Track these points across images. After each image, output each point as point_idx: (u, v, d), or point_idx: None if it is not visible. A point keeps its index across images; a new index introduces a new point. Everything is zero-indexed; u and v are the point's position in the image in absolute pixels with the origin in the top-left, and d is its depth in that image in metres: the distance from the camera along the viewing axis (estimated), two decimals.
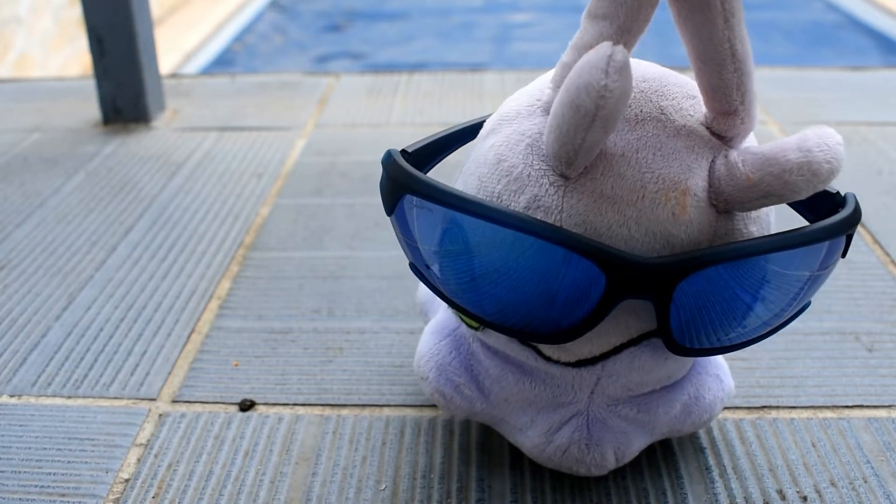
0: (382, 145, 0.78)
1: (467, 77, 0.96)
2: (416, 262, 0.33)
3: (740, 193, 0.29)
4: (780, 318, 0.32)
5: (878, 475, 0.39)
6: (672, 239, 0.29)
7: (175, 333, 0.51)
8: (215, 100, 0.92)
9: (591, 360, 0.33)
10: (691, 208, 0.29)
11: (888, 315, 0.51)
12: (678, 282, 0.28)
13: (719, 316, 0.30)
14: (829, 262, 0.31)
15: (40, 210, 0.67)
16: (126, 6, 0.80)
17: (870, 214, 0.63)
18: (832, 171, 0.28)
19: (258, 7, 3.26)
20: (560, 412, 0.36)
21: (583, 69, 0.26)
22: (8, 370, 0.48)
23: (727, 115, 0.30)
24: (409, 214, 0.31)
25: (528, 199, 0.30)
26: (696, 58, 0.29)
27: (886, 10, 2.82)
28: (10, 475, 0.40)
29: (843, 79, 0.94)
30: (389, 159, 0.32)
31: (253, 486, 0.39)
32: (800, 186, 0.28)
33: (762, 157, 0.28)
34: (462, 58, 2.66)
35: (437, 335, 0.38)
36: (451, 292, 0.32)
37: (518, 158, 0.31)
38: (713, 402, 0.38)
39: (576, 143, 0.27)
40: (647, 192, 0.29)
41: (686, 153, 0.30)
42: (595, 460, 0.36)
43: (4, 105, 0.91)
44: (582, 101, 0.26)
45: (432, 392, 0.38)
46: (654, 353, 0.33)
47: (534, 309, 0.30)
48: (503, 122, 0.33)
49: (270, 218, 0.65)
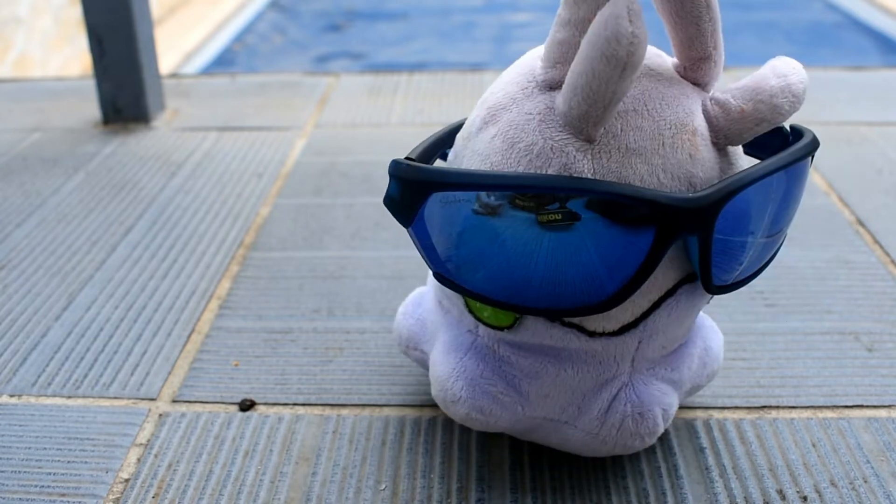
0: (382, 145, 0.78)
1: (467, 77, 0.96)
2: (442, 270, 0.32)
3: (737, 125, 0.31)
4: (779, 241, 0.35)
5: (878, 475, 0.39)
6: (693, 179, 0.31)
7: (175, 333, 0.51)
8: (215, 100, 0.92)
9: (633, 322, 0.33)
10: (702, 147, 0.31)
11: (888, 315, 0.51)
12: (719, 212, 0.30)
13: (741, 245, 0.32)
14: (803, 180, 0.34)
15: (40, 210, 0.67)
16: (126, 6, 0.80)
17: (870, 214, 0.63)
18: (804, 90, 0.31)
19: (258, 7, 3.26)
20: (606, 390, 0.36)
21: (607, 22, 0.27)
22: (8, 370, 0.48)
23: (702, 60, 0.32)
24: (434, 217, 0.31)
25: (557, 170, 0.30)
26: (674, 12, 0.32)
27: (886, 10, 2.82)
28: (10, 475, 0.40)
29: (843, 79, 0.94)
30: (400, 166, 0.32)
31: (253, 486, 0.39)
32: (784, 108, 0.31)
33: (748, 89, 0.31)
34: (462, 58, 2.66)
35: (454, 354, 0.37)
36: (488, 292, 0.32)
37: (535, 136, 0.31)
38: (718, 351, 0.40)
39: (606, 98, 0.28)
40: (665, 138, 0.31)
41: (683, 98, 0.32)
42: (648, 428, 0.36)
43: (4, 105, 0.91)
44: (613, 50, 0.27)
45: (468, 412, 0.36)
46: (688, 300, 0.34)
47: (581, 282, 0.30)
48: (497, 111, 0.33)
49: (270, 218, 0.65)
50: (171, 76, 1.00)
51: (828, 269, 0.56)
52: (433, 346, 0.39)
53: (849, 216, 0.63)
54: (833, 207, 0.65)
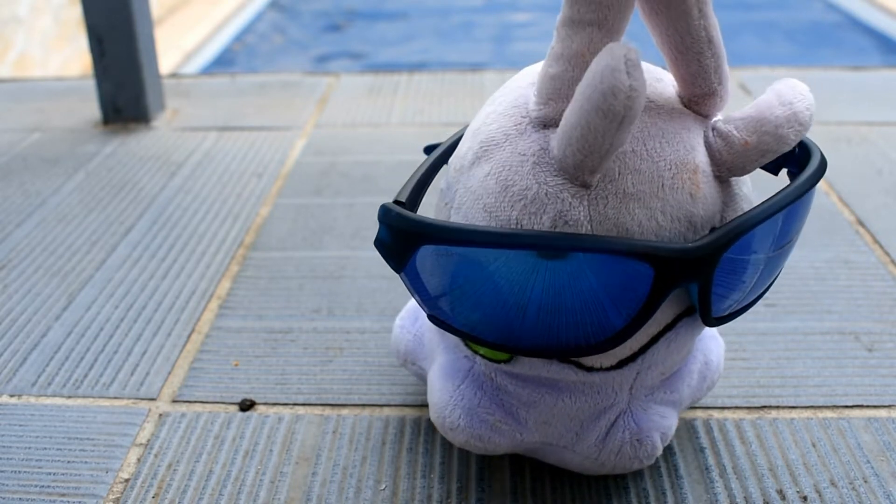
0: (382, 145, 0.78)
1: (467, 77, 0.96)
2: (437, 312, 0.32)
3: (740, 158, 0.30)
4: (781, 266, 0.34)
5: (878, 475, 0.39)
6: (693, 218, 0.30)
7: (175, 333, 0.51)
8: (215, 100, 0.92)
9: (631, 357, 0.33)
10: (703, 184, 0.30)
11: (888, 315, 0.51)
12: (720, 258, 0.29)
13: (743, 279, 0.31)
14: (810, 204, 0.33)
15: (40, 210, 0.67)
16: (126, 6, 0.80)
17: (870, 214, 0.63)
18: (811, 117, 0.30)
19: (258, 7, 3.26)
20: (604, 417, 0.35)
21: (603, 74, 0.25)
22: (8, 370, 0.48)
23: (706, 96, 0.31)
24: (426, 264, 0.30)
25: (551, 217, 0.29)
26: (673, 48, 0.30)
27: (886, 10, 2.82)
28: (10, 475, 0.40)
29: (843, 79, 0.94)
30: (391, 213, 0.31)
31: (253, 486, 0.39)
32: (790, 138, 0.30)
33: (752, 120, 0.30)
34: (462, 58, 2.66)
35: (451, 381, 0.36)
36: (484, 335, 0.31)
37: (528, 180, 0.30)
38: (718, 362, 0.40)
39: (603, 149, 0.27)
40: (664, 179, 0.30)
41: (684, 133, 0.31)
42: (647, 452, 0.36)
43: (4, 105, 0.91)
44: (610, 105, 0.26)
45: (467, 440, 0.36)
46: (686, 332, 0.33)
47: (579, 326, 0.30)
48: (489, 147, 0.32)
49: (270, 218, 0.65)
50: (171, 76, 1.00)
51: (828, 269, 0.56)
52: (431, 364, 0.39)
53: (849, 216, 0.63)
54: (833, 207, 0.65)
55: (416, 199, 0.34)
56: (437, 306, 0.32)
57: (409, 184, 0.34)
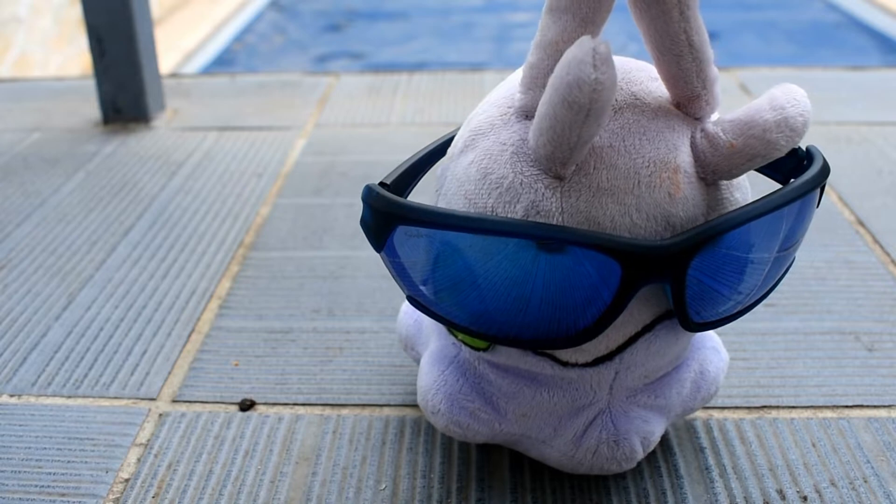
0: (382, 145, 0.78)
1: (467, 77, 0.96)
2: (415, 293, 0.32)
3: (726, 161, 0.30)
4: (775, 278, 0.33)
5: (878, 475, 0.39)
6: (672, 219, 0.30)
7: (175, 333, 0.51)
8: (215, 100, 0.92)
9: (608, 355, 0.33)
10: (684, 185, 0.30)
11: (888, 315, 0.51)
12: (692, 259, 0.28)
13: (726, 285, 0.31)
14: (808, 214, 0.32)
15: (40, 210, 0.67)
16: (126, 6, 0.80)
17: (870, 214, 0.63)
18: (805, 123, 0.29)
19: (258, 7, 3.26)
20: (582, 415, 0.35)
21: (570, 66, 0.25)
22: (8, 370, 0.48)
23: (691, 99, 0.31)
24: (402, 246, 0.31)
25: (525, 206, 0.30)
26: (654, 48, 0.30)
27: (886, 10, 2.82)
28: (10, 475, 0.40)
29: (843, 79, 0.94)
30: (371, 193, 0.31)
31: (253, 486, 0.39)
32: (780, 144, 0.29)
33: (740, 123, 0.29)
34: (462, 58, 2.66)
35: (437, 366, 0.37)
36: (458, 318, 0.31)
37: (506, 169, 0.30)
38: (717, 374, 0.39)
39: (571, 141, 0.27)
40: (641, 177, 0.29)
41: (668, 132, 0.30)
42: (625, 454, 0.36)
43: (4, 105, 0.91)
44: (575, 97, 0.25)
45: (447, 424, 0.36)
46: (667, 335, 0.33)
47: (548, 317, 0.30)
48: (477, 136, 0.32)
49: (270, 218, 0.65)
50: (171, 76, 1.00)
51: (828, 269, 0.56)
52: (426, 349, 0.40)
53: (849, 216, 0.63)
54: (833, 207, 0.65)
55: (405, 184, 0.34)
56: (415, 288, 0.32)
57: (399, 169, 0.34)
